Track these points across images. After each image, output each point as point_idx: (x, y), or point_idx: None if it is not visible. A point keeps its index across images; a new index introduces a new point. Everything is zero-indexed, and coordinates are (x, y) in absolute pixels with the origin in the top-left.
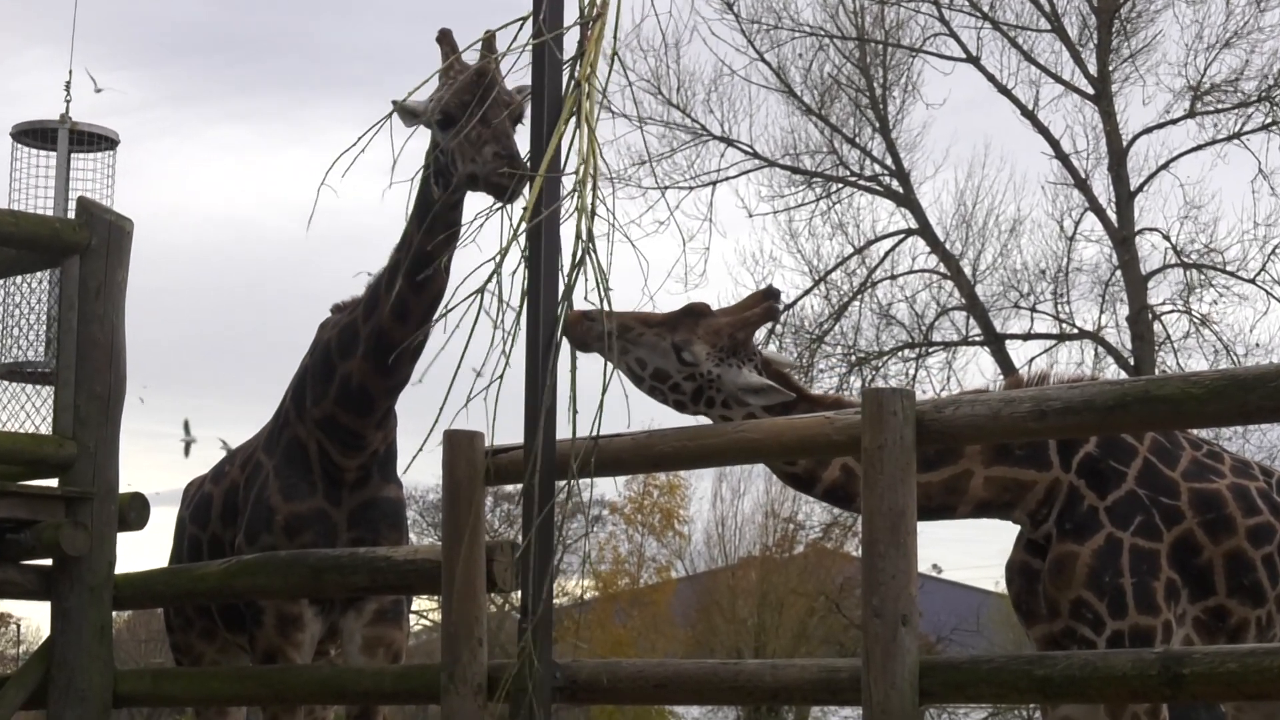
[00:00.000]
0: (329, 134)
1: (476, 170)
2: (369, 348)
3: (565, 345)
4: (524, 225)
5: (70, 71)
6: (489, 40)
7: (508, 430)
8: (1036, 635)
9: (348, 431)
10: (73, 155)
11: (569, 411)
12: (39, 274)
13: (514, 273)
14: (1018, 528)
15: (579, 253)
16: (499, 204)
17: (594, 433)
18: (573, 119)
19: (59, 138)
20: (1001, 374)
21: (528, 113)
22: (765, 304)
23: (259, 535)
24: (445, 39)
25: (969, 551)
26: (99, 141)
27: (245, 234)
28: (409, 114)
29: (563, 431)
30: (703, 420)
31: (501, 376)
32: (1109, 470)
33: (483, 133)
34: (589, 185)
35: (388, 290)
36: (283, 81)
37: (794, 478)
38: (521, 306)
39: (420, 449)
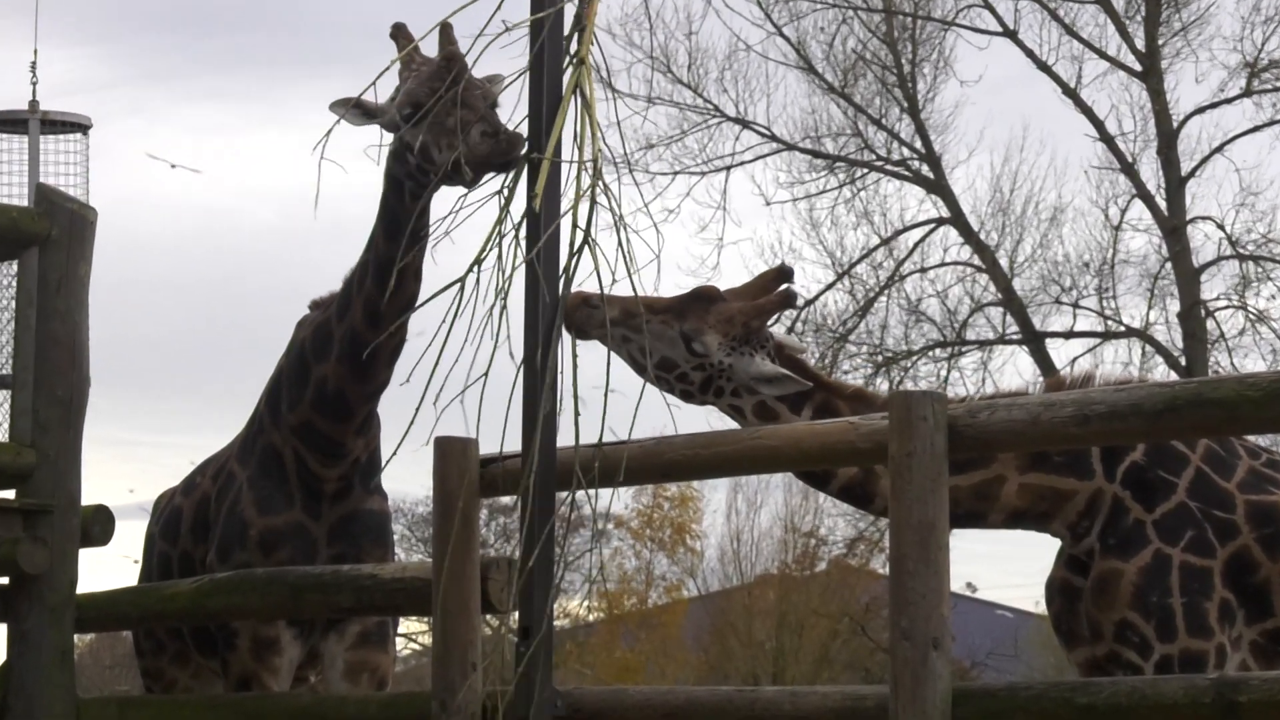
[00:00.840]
0: (310, 115)
1: (459, 156)
2: (343, 350)
3: (567, 343)
4: (510, 207)
5: (35, 50)
6: (446, 29)
7: (505, 436)
8: (1078, 659)
9: (326, 439)
10: (44, 140)
11: (571, 415)
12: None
13: (483, 260)
14: (1058, 542)
15: (578, 242)
16: (489, 178)
17: (600, 437)
18: (572, 101)
19: (30, 127)
20: (1041, 375)
21: (503, 100)
22: (782, 290)
23: (232, 552)
24: (400, 33)
25: (1006, 569)
26: (71, 127)
27: (222, 222)
28: (364, 114)
29: (564, 438)
30: (715, 417)
31: (486, 374)
32: (1157, 480)
33: (466, 116)
34: (590, 171)
35: (358, 293)
36: (260, 58)
37: (807, 472)
38: (498, 299)
39: (394, 453)
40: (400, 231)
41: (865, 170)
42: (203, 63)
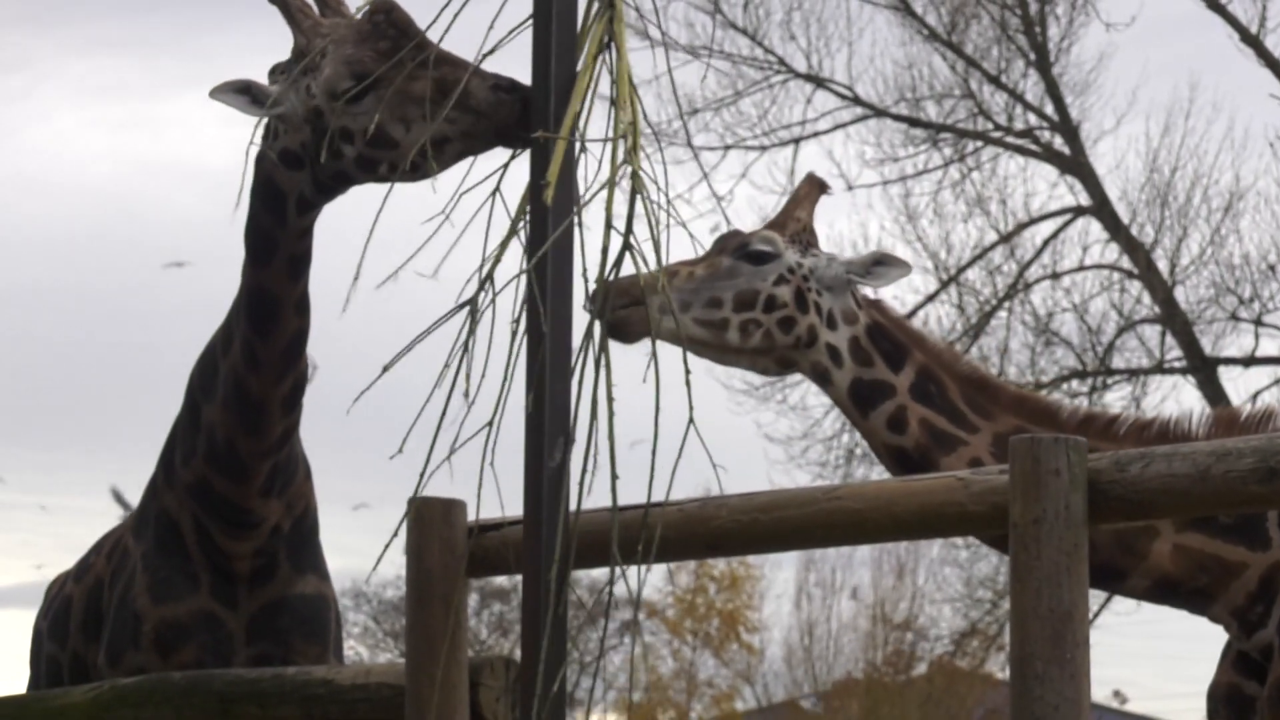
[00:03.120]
0: (240, 70)
1: (452, 130)
2: (229, 395)
3: (582, 376)
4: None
5: None
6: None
7: (500, 498)
8: None
9: (226, 503)
10: None
11: (585, 469)
12: None
13: (494, 274)
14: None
15: (617, 247)
16: (511, 153)
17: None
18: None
19: None
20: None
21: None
22: (807, 176)
23: (123, 653)
24: None
25: (1167, 672)
26: None
27: (131, 213)
28: (254, 103)
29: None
30: (779, 471)
31: (493, 422)
32: None
33: (451, 73)
34: (627, 150)
35: (236, 327)
36: None
37: (899, 454)
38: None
39: (387, 546)
40: (273, 255)
41: (979, 144)
42: (98, 1)
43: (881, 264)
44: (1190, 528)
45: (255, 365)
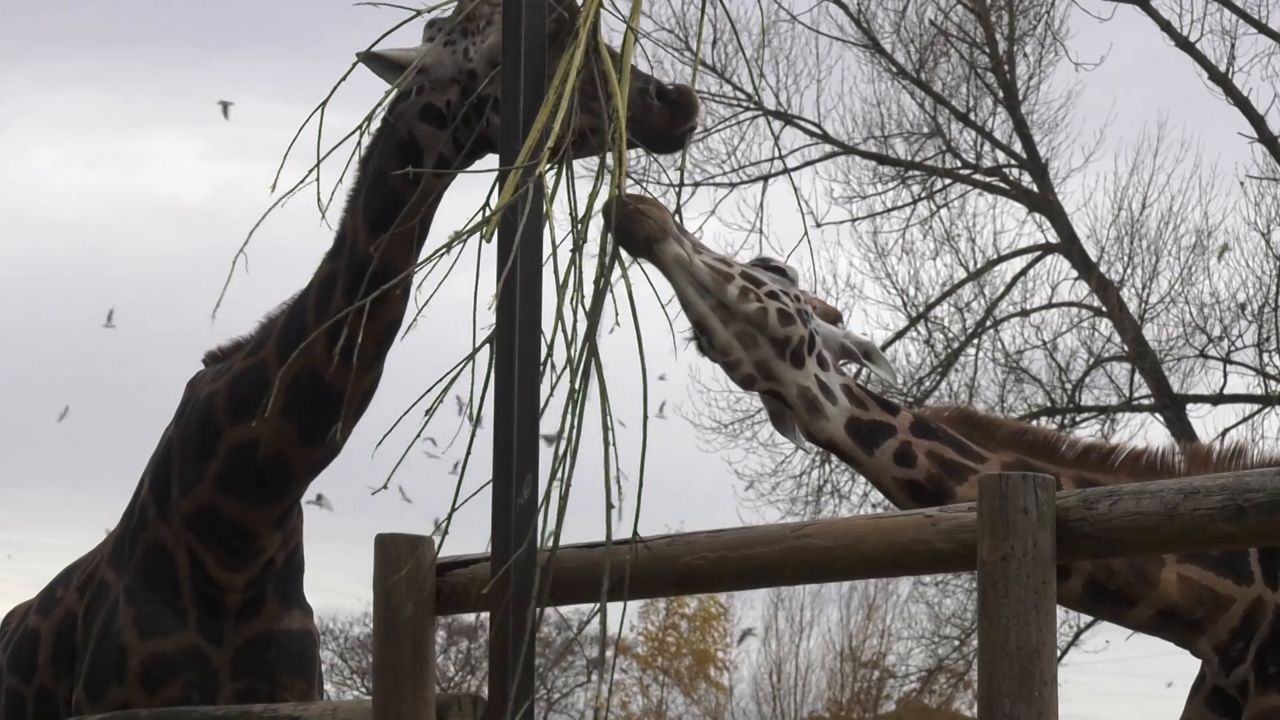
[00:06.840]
0: (216, 107)
1: (599, 123)
2: (295, 399)
3: (551, 420)
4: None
5: None
6: None
7: (469, 534)
8: None
9: (234, 529)
10: None
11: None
12: None
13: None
14: (1192, 677)
15: (603, 279)
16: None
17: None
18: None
19: None
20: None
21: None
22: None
23: (106, 688)
24: None
25: (1138, 710)
26: None
27: (103, 248)
28: (388, 68)
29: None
30: (748, 509)
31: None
32: None
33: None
34: (618, 177)
35: (317, 319)
36: (153, 29)
37: (912, 489)
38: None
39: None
40: (390, 225)
41: (948, 181)
42: (75, 37)
43: (870, 356)
44: (1190, 558)
45: (347, 353)
